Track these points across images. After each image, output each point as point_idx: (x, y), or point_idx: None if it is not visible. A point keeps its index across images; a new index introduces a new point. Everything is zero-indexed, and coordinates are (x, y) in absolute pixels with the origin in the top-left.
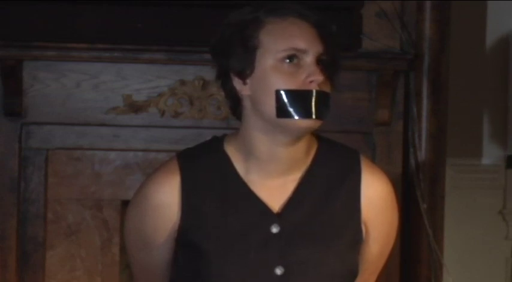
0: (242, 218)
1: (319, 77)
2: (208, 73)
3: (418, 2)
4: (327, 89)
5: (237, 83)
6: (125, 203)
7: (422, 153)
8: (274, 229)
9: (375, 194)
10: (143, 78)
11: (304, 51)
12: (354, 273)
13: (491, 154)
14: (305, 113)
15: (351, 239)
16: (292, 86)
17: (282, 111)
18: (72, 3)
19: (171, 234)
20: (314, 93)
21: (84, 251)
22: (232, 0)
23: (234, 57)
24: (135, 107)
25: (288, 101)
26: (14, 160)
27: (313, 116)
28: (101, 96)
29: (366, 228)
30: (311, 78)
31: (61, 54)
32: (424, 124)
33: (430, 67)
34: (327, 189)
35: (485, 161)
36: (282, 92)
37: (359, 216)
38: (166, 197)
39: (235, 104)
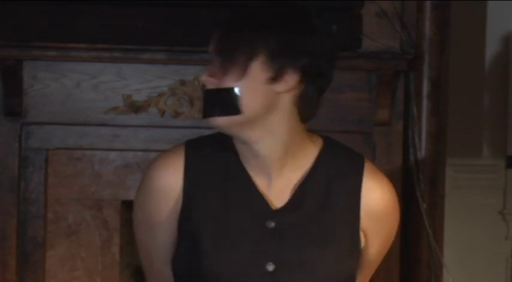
0: (241, 210)
1: (202, 77)
2: None
3: (418, 2)
4: (223, 83)
5: None
6: (125, 203)
7: (422, 153)
8: (270, 225)
9: (375, 202)
10: (143, 78)
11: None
12: (350, 279)
13: (491, 154)
14: (203, 114)
15: (348, 244)
16: None
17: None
18: (72, 3)
19: (174, 216)
20: (204, 93)
21: (84, 251)
22: (233, 0)
23: None
24: (135, 107)
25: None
26: (14, 160)
27: (205, 116)
28: (101, 96)
29: (364, 234)
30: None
31: (61, 54)
32: (424, 124)
33: (430, 67)
34: (328, 191)
35: (485, 161)
36: None
37: (358, 221)
38: (170, 180)
39: None
